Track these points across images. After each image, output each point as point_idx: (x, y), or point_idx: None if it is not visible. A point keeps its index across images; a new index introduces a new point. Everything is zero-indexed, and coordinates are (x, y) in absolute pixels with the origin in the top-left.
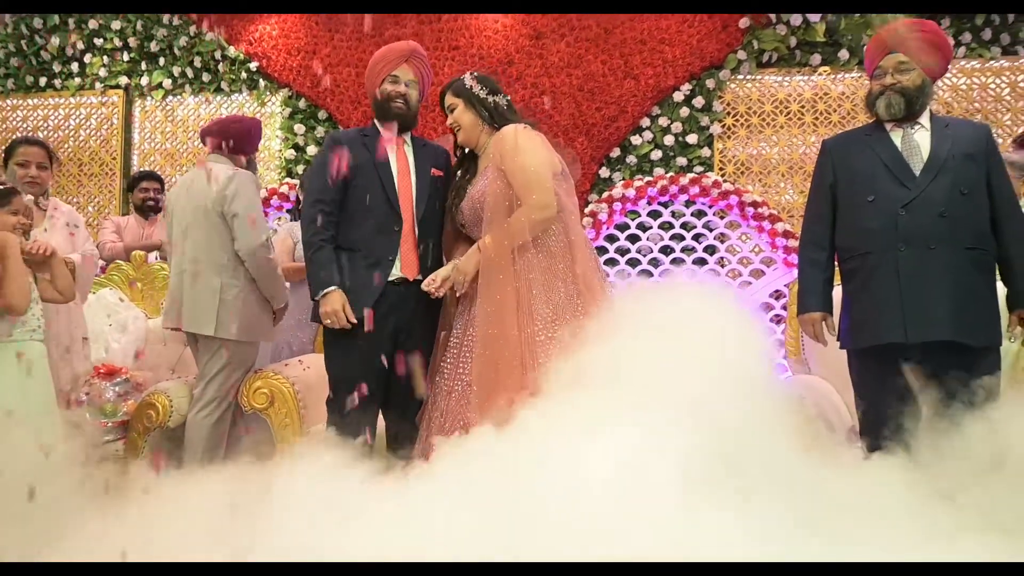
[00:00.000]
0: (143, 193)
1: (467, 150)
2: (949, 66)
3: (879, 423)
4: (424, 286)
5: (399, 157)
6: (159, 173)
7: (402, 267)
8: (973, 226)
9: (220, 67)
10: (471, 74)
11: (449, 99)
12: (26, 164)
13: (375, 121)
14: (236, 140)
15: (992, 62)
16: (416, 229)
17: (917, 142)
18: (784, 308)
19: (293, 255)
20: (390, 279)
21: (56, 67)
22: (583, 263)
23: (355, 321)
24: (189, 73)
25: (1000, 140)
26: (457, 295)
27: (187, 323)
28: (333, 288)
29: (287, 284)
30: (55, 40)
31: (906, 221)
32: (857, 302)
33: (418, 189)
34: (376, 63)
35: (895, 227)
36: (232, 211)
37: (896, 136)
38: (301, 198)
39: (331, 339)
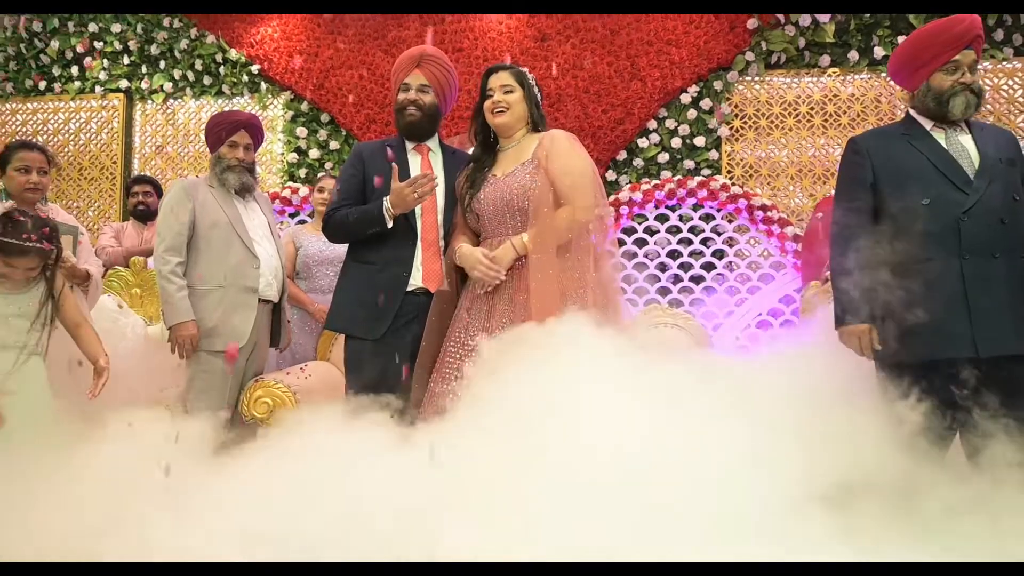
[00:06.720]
0: (134, 198)
1: (491, 138)
2: None
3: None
4: (483, 274)
5: (423, 167)
6: (158, 178)
7: (423, 278)
8: None
9: (221, 70)
10: (530, 74)
11: (509, 80)
12: (27, 170)
13: None
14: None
15: (1004, 63)
16: (441, 239)
17: (963, 144)
18: (795, 314)
19: (295, 261)
20: (409, 290)
21: (56, 70)
22: (605, 273)
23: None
24: (190, 76)
25: None
26: (480, 292)
27: None
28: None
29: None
30: (55, 43)
31: (968, 227)
32: (912, 312)
33: (446, 198)
34: (392, 75)
35: (957, 233)
36: None
37: (939, 137)
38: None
39: (351, 346)
